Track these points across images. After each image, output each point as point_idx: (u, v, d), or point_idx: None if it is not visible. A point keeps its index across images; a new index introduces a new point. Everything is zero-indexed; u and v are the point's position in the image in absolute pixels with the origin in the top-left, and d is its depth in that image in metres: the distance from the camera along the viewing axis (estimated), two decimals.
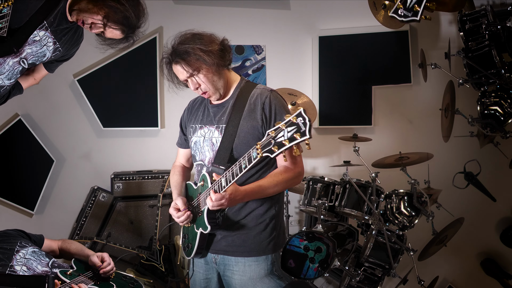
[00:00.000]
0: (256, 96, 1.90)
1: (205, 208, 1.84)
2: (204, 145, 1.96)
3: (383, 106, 3.97)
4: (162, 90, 3.77)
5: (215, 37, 1.87)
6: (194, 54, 1.79)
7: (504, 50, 3.02)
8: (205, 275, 2.04)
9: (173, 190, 2.08)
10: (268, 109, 1.87)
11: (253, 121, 1.87)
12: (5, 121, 3.20)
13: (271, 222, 1.94)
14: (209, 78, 1.86)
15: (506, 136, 3.25)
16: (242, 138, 1.86)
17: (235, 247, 1.91)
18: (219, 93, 1.93)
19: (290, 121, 1.50)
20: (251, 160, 1.63)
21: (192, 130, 2.04)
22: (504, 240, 3.79)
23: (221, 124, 1.92)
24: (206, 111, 2.02)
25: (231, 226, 1.92)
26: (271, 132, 1.54)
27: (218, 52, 1.83)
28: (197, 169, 2.03)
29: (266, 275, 1.93)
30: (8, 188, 3.16)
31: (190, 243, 1.98)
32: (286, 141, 1.49)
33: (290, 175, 1.86)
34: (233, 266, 1.93)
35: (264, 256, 1.93)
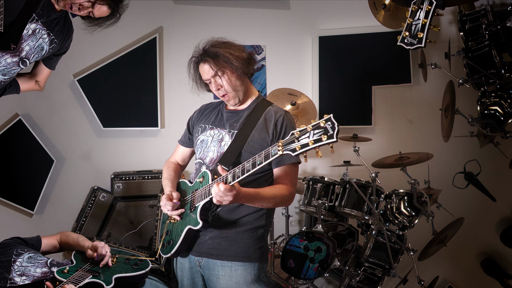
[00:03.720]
0: (271, 112, 1.98)
1: (200, 204, 1.84)
2: (211, 145, 1.99)
3: (383, 106, 3.97)
4: (162, 90, 3.77)
5: (244, 47, 2.01)
6: (223, 56, 1.90)
7: (504, 50, 3.02)
8: (191, 280, 2.02)
9: (167, 182, 2.09)
10: (280, 126, 1.93)
11: (264, 134, 1.92)
12: (5, 121, 3.19)
13: (259, 231, 1.95)
14: (232, 81, 1.94)
15: (506, 136, 3.25)
16: (250, 147, 1.90)
17: (221, 250, 1.90)
18: (238, 98, 1.99)
19: (318, 124, 1.53)
20: (268, 157, 1.63)
21: (201, 129, 2.07)
22: (504, 240, 3.78)
23: (233, 129, 1.97)
24: (220, 115, 2.07)
25: (219, 228, 1.91)
26: (296, 133, 1.56)
27: (245, 60, 1.95)
28: (196, 167, 2.04)
29: (253, 281, 1.91)
30: (8, 188, 3.16)
31: (173, 240, 1.95)
32: (311, 141, 1.51)
33: (286, 194, 1.89)
34: (219, 270, 1.91)
35: (251, 262, 1.92)
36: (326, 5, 3.87)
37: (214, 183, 1.75)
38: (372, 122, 3.91)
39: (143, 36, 3.70)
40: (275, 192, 1.86)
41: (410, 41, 1.94)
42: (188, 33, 3.76)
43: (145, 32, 3.71)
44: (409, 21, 1.94)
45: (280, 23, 3.90)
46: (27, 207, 3.28)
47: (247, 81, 2.04)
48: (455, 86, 3.41)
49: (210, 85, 1.99)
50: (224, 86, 1.94)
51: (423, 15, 1.89)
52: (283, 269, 2.86)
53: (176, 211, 1.93)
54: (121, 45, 3.64)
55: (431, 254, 3.54)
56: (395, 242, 3.03)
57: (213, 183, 1.80)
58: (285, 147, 1.57)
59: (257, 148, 1.88)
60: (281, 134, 1.93)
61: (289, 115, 2.01)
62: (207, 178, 1.88)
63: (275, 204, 1.93)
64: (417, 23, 1.91)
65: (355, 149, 3.22)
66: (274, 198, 1.85)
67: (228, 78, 1.93)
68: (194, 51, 1.99)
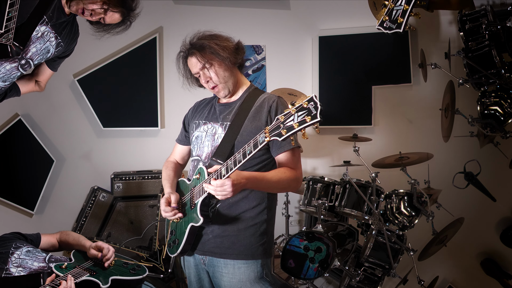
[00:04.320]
0: (263, 100, 1.96)
1: (199, 200, 1.84)
2: (205, 140, 1.98)
3: (383, 106, 3.97)
4: (162, 90, 3.77)
5: (230, 38, 1.99)
6: (209, 48, 1.89)
7: (504, 50, 3.02)
8: (197, 276, 2.04)
9: (166, 183, 2.09)
10: (274, 112, 1.91)
11: (258, 122, 1.90)
12: (5, 121, 3.19)
13: (261, 227, 1.94)
14: (221, 73, 1.93)
15: (506, 136, 3.24)
16: (244, 137, 1.87)
17: (224, 249, 1.90)
18: (228, 89, 1.98)
19: (301, 105, 1.51)
20: (257, 145, 1.63)
21: (195, 126, 2.07)
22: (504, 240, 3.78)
23: (225, 121, 1.96)
24: (213, 109, 2.06)
25: (221, 225, 1.91)
26: (281, 117, 1.56)
27: (232, 49, 1.93)
28: (193, 165, 2.03)
29: (257, 279, 1.92)
30: (8, 188, 3.16)
31: (177, 239, 1.95)
32: (296, 124, 1.51)
33: (292, 176, 1.87)
34: (222, 268, 1.91)
35: (254, 260, 1.92)
36: (326, 5, 3.87)
37: (209, 179, 1.75)
38: (372, 122, 3.91)
39: (143, 36, 3.70)
40: (280, 174, 1.84)
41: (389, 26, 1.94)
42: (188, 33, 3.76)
43: (145, 32, 3.71)
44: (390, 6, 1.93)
45: (280, 23, 3.90)
46: (27, 207, 3.28)
47: (237, 72, 2.02)
48: (455, 86, 3.41)
49: (199, 78, 1.97)
50: (213, 78, 1.93)
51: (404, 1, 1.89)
52: (283, 269, 2.86)
53: (174, 216, 1.92)
54: (121, 45, 3.64)
55: (431, 254, 3.54)
56: (395, 242, 3.03)
57: (207, 179, 1.80)
58: (271, 133, 1.57)
59: (251, 138, 1.84)
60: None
61: (282, 100, 1.98)
62: (203, 174, 1.87)
63: (283, 187, 1.91)
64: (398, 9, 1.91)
65: (355, 149, 3.22)
66: (280, 180, 1.83)
67: (216, 69, 1.91)
68: (181, 45, 1.99)
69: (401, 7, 1.89)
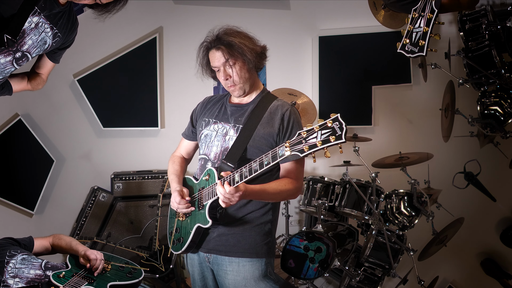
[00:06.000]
0: (277, 106, 1.97)
1: (208, 203, 1.85)
2: (215, 140, 1.98)
3: (383, 106, 3.96)
4: (162, 90, 3.77)
5: (258, 40, 2.02)
6: (238, 47, 1.89)
7: (504, 50, 3.02)
8: (201, 274, 2.04)
9: (173, 177, 2.08)
10: (287, 120, 1.92)
11: (270, 128, 1.91)
12: (5, 121, 3.19)
13: (266, 226, 1.96)
14: (242, 73, 1.93)
15: (506, 136, 3.25)
16: (256, 142, 1.89)
17: (229, 247, 1.91)
18: (244, 90, 1.98)
19: (325, 124, 1.52)
20: (276, 157, 1.63)
21: (205, 124, 2.06)
22: (504, 240, 3.78)
23: (238, 124, 1.96)
24: (223, 109, 2.06)
25: (227, 225, 1.92)
26: (303, 133, 1.55)
27: (258, 54, 1.95)
28: (201, 163, 2.03)
29: (261, 277, 1.93)
30: (8, 188, 3.16)
31: (182, 237, 1.96)
32: (320, 142, 1.50)
33: (292, 189, 1.89)
34: (227, 266, 1.92)
35: (259, 258, 1.93)
36: (326, 5, 3.87)
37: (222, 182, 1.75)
38: (372, 122, 3.91)
39: (143, 36, 3.70)
40: (280, 187, 1.86)
41: (411, 49, 1.92)
42: (188, 33, 3.76)
43: (145, 32, 3.71)
44: (409, 28, 1.92)
45: (280, 23, 3.90)
46: (27, 207, 3.28)
47: (255, 74, 2.03)
48: (455, 86, 3.41)
49: (218, 73, 1.97)
50: (233, 76, 1.93)
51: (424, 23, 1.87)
52: (283, 269, 2.86)
53: (186, 209, 1.93)
54: (121, 45, 3.64)
55: (431, 254, 3.54)
56: (395, 242, 3.03)
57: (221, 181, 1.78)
58: (292, 147, 1.56)
59: (263, 143, 1.89)
60: (288, 129, 1.92)
61: (295, 109, 2.00)
62: (213, 176, 1.87)
63: (282, 198, 1.95)
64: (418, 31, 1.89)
65: (355, 149, 3.22)
66: (280, 193, 1.86)
67: (239, 69, 1.92)
68: (207, 35, 1.97)
69: (420, 29, 1.87)
